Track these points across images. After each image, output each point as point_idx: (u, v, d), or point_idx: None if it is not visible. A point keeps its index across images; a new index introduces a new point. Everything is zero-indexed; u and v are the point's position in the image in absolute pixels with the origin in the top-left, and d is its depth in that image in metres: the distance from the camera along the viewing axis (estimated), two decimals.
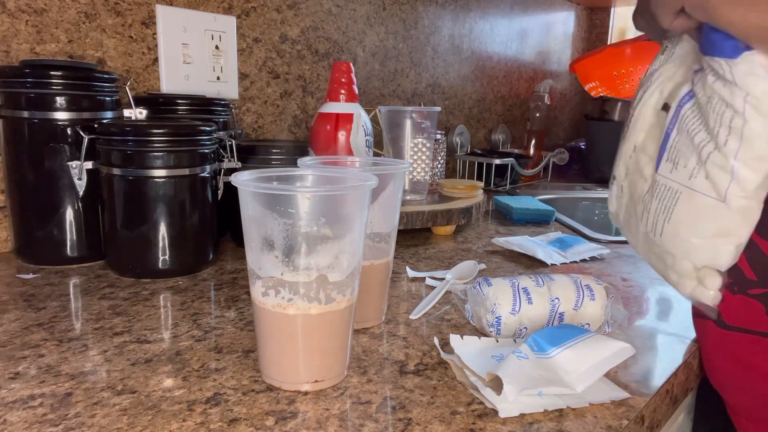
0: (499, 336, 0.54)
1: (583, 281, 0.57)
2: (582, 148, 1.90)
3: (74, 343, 0.52)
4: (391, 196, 0.54)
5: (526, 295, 0.55)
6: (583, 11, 2.23)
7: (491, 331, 0.55)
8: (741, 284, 0.51)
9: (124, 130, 0.67)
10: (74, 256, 0.73)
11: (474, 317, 0.58)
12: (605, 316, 0.56)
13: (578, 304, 0.55)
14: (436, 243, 0.92)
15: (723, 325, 0.53)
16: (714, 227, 0.47)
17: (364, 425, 0.40)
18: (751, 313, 0.50)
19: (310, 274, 0.43)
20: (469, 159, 1.50)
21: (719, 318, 0.53)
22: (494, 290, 0.55)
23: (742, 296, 0.51)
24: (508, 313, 0.54)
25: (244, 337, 0.54)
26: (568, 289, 0.56)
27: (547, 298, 0.55)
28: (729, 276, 0.49)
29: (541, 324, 0.55)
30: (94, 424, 0.39)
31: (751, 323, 0.51)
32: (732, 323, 0.52)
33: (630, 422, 0.42)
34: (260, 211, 0.43)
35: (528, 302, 0.55)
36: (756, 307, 0.50)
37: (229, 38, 1.00)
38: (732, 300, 0.52)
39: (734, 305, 0.52)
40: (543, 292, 0.56)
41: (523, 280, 0.57)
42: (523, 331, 0.55)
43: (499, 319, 0.54)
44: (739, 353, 0.52)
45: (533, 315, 0.54)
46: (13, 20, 0.76)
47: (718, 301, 0.49)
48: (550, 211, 1.11)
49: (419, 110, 0.97)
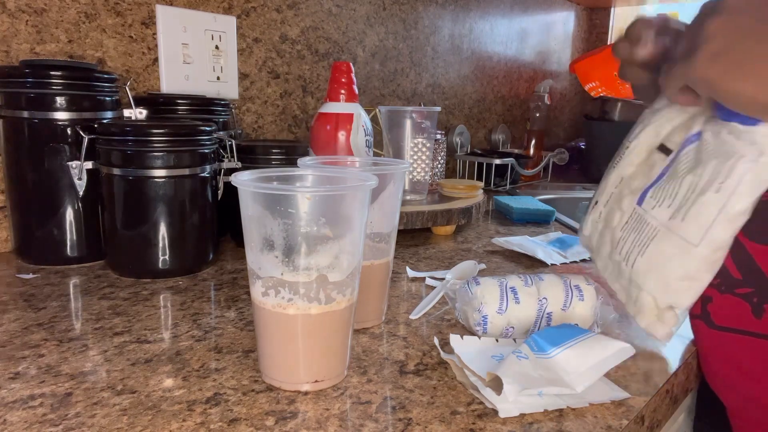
0: (486, 335, 0.54)
1: (572, 281, 0.57)
2: (582, 148, 1.90)
3: (74, 343, 0.52)
4: (391, 196, 0.54)
5: (514, 295, 0.55)
6: (583, 11, 2.23)
7: (478, 330, 0.55)
8: (728, 284, 0.51)
9: (124, 130, 0.67)
10: (74, 256, 0.73)
11: (462, 316, 0.58)
12: (594, 317, 0.56)
13: (567, 305, 0.55)
14: (436, 243, 0.92)
15: (712, 325, 0.53)
16: (682, 271, 0.49)
17: (364, 425, 0.40)
18: (738, 312, 0.51)
19: (310, 274, 0.43)
20: (469, 159, 1.50)
21: (708, 318, 0.53)
22: (482, 289, 0.55)
23: (730, 295, 0.51)
24: (495, 312, 0.54)
25: (244, 337, 0.54)
26: (556, 289, 0.56)
27: (535, 298, 0.55)
28: (716, 276, 0.50)
29: (528, 324, 0.55)
30: (94, 424, 0.39)
31: (738, 323, 0.51)
32: (720, 323, 0.52)
33: (630, 422, 0.42)
34: (260, 211, 0.43)
35: (515, 302, 0.54)
36: (742, 307, 0.50)
37: (229, 38, 1.00)
38: (720, 299, 0.52)
39: (722, 305, 0.52)
40: (531, 291, 0.55)
41: (512, 279, 0.57)
42: (510, 331, 0.54)
43: (485, 318, 0.54)
44: (728, 353, 0.52)
45: (521, 315, 0.54)
46: (13, 20, 0.76)
47: (670, 339, 0.51)
48: (550, 211, 1.11)
49: (419, 110, 0.97)
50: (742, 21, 0.42)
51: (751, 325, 0.50)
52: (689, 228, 0.49)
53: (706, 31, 0.43)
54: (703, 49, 0.43)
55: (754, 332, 0.50)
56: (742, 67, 0.42)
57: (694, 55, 0.44)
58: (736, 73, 0.42)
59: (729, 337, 0.52)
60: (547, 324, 0.55)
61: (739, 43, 0.42)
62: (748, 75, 0.42)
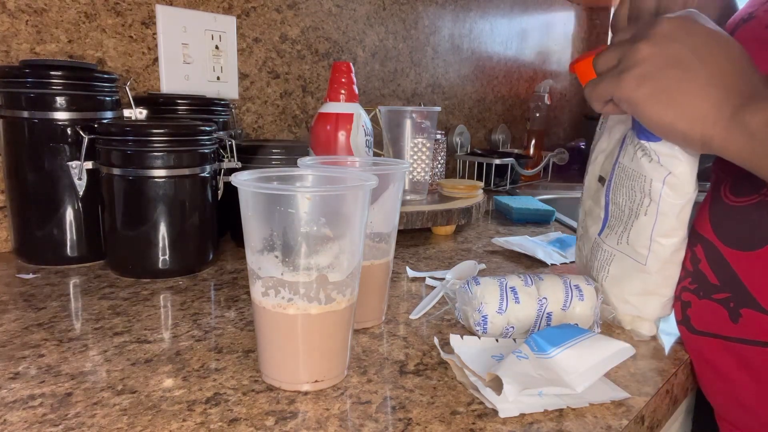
0: (486, 335, 0.54)
1: (572, 281, 0.57)
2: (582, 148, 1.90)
3: (74, 343, 0.52)
4: (391, 196, 0.54)
5: (514, 295, 0.55)
6: (583, 11, 2.23)
7: (478, 329, 0.55)
8: (705, 289, 0.52)
9: (124, 130, 0.67)
10: (74, 256, 0.73)
11: (462, 316, 0.58)
12: (594, 317, 0.56)
13: (567, 305, 0.55)
14: (436, 243, 0.92)
15: (693, 330, 0.54)
16: (640, 287, 0.55)
17: (364, 425, 0.40)
18: (716, 317, 0.51)
19: (310, 274, 0.43)
20: (469, 159, 1.50)
21: (689, 323, 0.54)
22: (482, 289, 0.55)
23: (707, 301, 0.52)
24: (495, 312, 0.54)
25: (244, 337, 0.54)
26: (556, 289, 0.56)
27: (535, 298, 0.55)
28: (694, 281, 0.53)
29: (528, 323, 0.55)
30: (94, 424, 0.39)
31: (716, 327, 0.51)
32: (700, 328, 0.53)
33: (630, 422, 0.42)
34: (260, 211, 0.43)
35: (515, 301, 0.54)
36: (720, 312, 0.51)
37: (229, 38, 1.00)
38: (698, 305, 0.53)
39: (700, 310, 0.53)
40: (531, 291, 0.55)
41: (512, 279, 0.57)
42: (510, 331, 0.54)
43: (485, 318, 0.54)
44: (708, 356, 0.53)
45: (520, 314, 0.54)
46: (13, 20, 0.76)
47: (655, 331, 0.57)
48: (550, 211, 1.11)
49: (419, 110, 0.97)
50: (673, 49, 0.44)
51: (728, 330, 0.50)
52: (635, 249, 0.54)
53: (638, 54, 0.45)
54: (632, 71, 0.45)
55: (732, 336, 0.50)
56: (666, 93, 0.44)
57: (622, 75, 0.46)
58: (660, 98, 0.44)
59: (708, 341, 0.52)
60: (547, 324, 0.55)
61: (666, 70, 0.44)
62: (671, 103, 0.44)
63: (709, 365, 0.53)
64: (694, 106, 0.43)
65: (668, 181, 0.50)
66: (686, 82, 0.43)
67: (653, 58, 0.44)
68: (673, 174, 0.50)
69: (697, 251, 0.54)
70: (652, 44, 0.44)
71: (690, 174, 0.50)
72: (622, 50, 0.47)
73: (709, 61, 0.43)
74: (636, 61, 0.45)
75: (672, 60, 0.44)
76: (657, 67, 0.44)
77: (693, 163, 0.50)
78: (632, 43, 0.46)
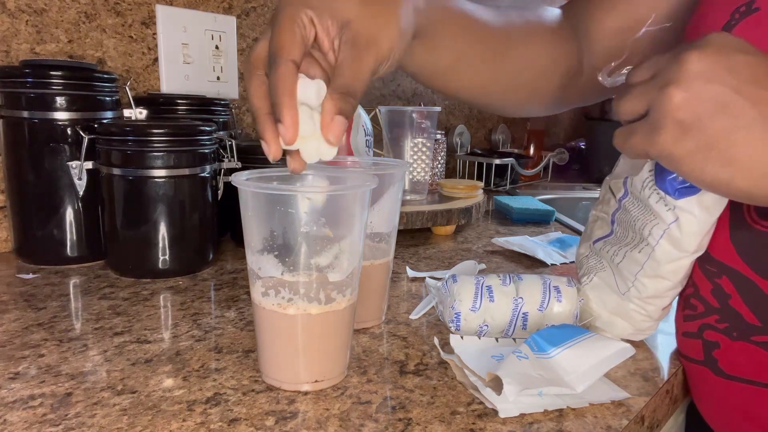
0: (459, 332, 0.55)
1: (552, 282, 0.57)
2: (582, 148, 1.90)
3: (74, 343, 0.52)
4: (392, 196, 0.54)
5: (489, 293, 0.55)
6: None
7: (451, 326, 0.55)
8: (741, 330, 0.46)
9: (124, 130, 0.67)
10: (74, 256, 0.73)
11: (441, 314, 0.59)
12: (573, 318, 0.56)
13: (544, 305, 0.55)
14: (436, 243, 0.92)
15: (720, 373, 0.49)
16: (614, 306, 0.55)
17: (364, 425, 0.40)
18: (754, 361, 0.46)
19: (310, 274, 0.43)
20: (469, 159, 1.50)
21: (716, 365, 0.49)
22: (458, 287, 0.56)
23: (744, 343, 0.46)
24: (468, 309, 0.54)
25: (244, 337, 0.54)
26: (534, 290, 0.56)
27: (510, 297, 0.55)
28: (724, 320, 0.48)
29: (503, 322, 0.55)
30: (94, 424, 0.39)
31: (754, 373, 0.46)
32: (732, 372, 0.48)
33: (630, 422, 0.42)
34: (260, 212, 0.43)
35: (490, 300, 0.55)
36: (760, 356, 0.45)
37: (229, 38, 1.00)
38: (731, 347, 0.47)
39: (734, 353, 0.47)
40: (508, 291, 0.56)
41: (490, 278, 0.57)
42: (485, 329, 0.55)
43: (458, 315, 0.54)
44: (741, 404, 0.48)
45: (495, 313, 0.55)
46: (13, 20, 0.76)
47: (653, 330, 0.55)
48: (550, 211, 1.11)
49: (419, 110, 0.97)
50: (713, 92, 0.36)
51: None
52: (621, 274, 0.53)
53: (670, 102, 0.36)
54: (667, 124, 0.37)
55: None
56: (716, 149, 0.36)
57: (657, 130, 0.37)
58: (709, 155, 0.36)
59: (741, 387, 0.47)
60: (523, 323, 0.55)
61: (710, 119, 0.36)
62: (725, 160, 0.36)
63: (740, 411, 0.48)
64: (755, 161, 0.36)
65: (670, 232, 0.47)
66: (739, 132, 0.36)
67: (690, 106, 0.36)
68: (679, 224, 0.46)
69: (723, 284, 0.48)
70: (685, 89, 0.36)
71: (696, 234, 0.47)
72: (647, 96, 0.38)
73: (761, 99, 0.35)
74: (668, 111, 0.37)
75: (714, 106, 0.36)
76: (697, 116, 0.36)
77: (706, 223, 0.46)
78: (658, 88, 0.37)
